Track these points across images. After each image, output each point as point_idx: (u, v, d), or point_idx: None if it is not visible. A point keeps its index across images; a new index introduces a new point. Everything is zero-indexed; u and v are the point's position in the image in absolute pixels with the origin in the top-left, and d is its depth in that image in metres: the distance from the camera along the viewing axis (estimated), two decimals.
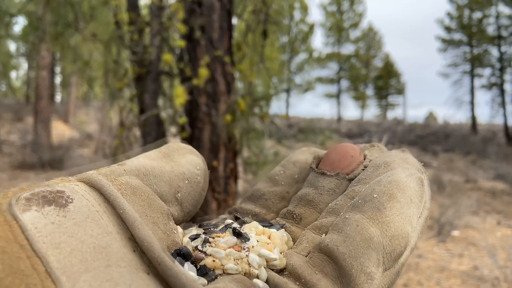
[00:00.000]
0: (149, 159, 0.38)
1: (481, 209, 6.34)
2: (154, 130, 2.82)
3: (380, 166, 0.39)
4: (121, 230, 0.28)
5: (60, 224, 0.25)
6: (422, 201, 0.34)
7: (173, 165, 0.39)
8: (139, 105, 2.92)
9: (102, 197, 0.29)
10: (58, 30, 4.22)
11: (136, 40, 2.82)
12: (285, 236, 0.36)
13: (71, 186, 0.29)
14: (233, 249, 0.31)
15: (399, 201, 0.32)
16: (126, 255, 0.26)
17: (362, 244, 0.29)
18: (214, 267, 0.30)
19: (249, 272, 0.30)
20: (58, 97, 24.18)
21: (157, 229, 0.31)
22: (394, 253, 0.30)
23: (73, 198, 0.27)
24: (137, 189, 0.32)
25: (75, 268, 0.23)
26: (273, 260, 0.31)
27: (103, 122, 10.30)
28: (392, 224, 0.31)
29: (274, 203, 0.43)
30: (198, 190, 0.40)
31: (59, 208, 0.26)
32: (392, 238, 0.30)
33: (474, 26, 20.19)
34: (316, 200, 0.40)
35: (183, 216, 0.38)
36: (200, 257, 0.30)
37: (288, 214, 0.40)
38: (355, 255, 0.29)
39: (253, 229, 0.35)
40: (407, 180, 0.34)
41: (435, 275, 3.83)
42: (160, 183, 0.36)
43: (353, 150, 0.43)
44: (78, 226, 0.25)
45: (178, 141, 0.44)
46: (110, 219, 0.28)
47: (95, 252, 0.24)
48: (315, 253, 0.31)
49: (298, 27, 23.58)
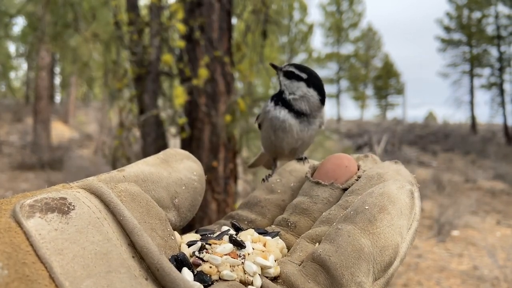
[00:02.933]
0: (147, 165, 0.39)
1: (480, 209, 6.34)
2: (153, 130, 2.82)
3: (373, 177, 0.41)
4: (121, 236, 0.28)
5: (63, 230, 0.26)
6: (412, 212, 0.36)
7: (170, 171, 0.39)
8: (138, 105, 2.91)
9: (103, 204, 0.30)
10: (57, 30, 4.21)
11: (136, 41, 2.81)
12: (279, 244, 0.37)
13: (73, 193, 0.30)
14: (229, 256, 0.32)
15: (390, 213, 0.33)
16: (125, 261, 0.27)
17: (353, 254, 0.31)
18: (211, 273, 0.31)
19: (244, 279, 0.31)
20: (57, 98, 24.17)
21: (156, 235, 0.32)
22: (384, 263, 0.32)
23: (75, 205, 0.28)
24: (136, 196, 0.33)
25: (78, 274, 0.24)
26: (268, 268, 0.32)
27: (103, 123, 10.30)
28: (383, 235, 0.32)
29: (269, 210, 0.45)
30: (194, 196, 0.41)
31: (61, 215, 0.27)
32: (382, 249, 0.32)
33: (473, 26, 20.21)
34: (311, 209, 0.41)
35: (180, 221, 0.39)
36: (197, 263, 0.31)
37: (283, 221, 0.42)
38: (346, 265, 0.30)
39: (249, 237, 0.36)
40: (398, 193, 0.35)
41: (435, 275, 3.83)
42: (158, 189, 0.37)
43: (348, 160, 0.44)
44: (80, 232, 0.26)
45: (176, 147, 0.45)
46: (110, 225, 0.28)
47: (96, 258, 0.25)
48: (308, 262, 0.32)
49: (297, 27, 23.57)
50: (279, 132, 0.60)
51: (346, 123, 24.64)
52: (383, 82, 29.25)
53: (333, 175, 0.43)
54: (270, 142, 0.62)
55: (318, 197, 0.42)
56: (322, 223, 0.38)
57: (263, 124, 0.63)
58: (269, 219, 0.44)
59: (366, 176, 0.41)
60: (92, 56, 6.46)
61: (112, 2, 2.98)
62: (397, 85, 29.68)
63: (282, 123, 0.59)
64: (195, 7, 2.75)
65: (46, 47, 7.60)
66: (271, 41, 5.93)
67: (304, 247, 0.35)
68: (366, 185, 0.39)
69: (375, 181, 0.39)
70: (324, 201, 0.41)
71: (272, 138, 0.61)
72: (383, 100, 30.52)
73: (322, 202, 0.41)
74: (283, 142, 0.61)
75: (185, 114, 2.76)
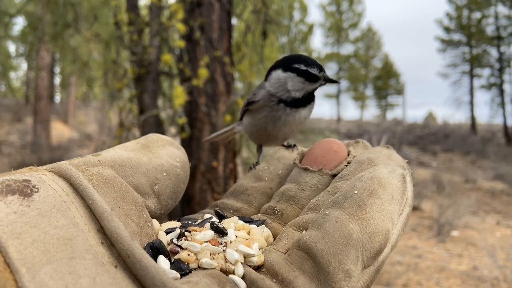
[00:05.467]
0: (126, 150, 0.37)
1: (480, 209, 6.34)
2: (153, 130, 2.82)
3: (363, 162, 0.39)
4: (90, 221, 0.27)
5: (22, 213, 0.24)
6: (404, 197, 0.34)
7: (151, 157, 0.38)
8: (138, 105, 2.91)
9: (71, 187, 0.28)
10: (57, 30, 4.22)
11: (136, 41, 2.81)
12: (265, 232, 0.36)
13: (39, 175, 0.28)
14: (209, 243, 0.30)
15: (380, 198, 0.32)
16: (92, 247, 0.25)
17: (340, 240, 0.29)
18: (189, 261, 0.29)
19: (225, 268, 0.30)
20: (57, 98, 24.16)
21: (130, 222, 0.30)
22: (373, 250, 0.30)
23: (39, 188, 0.26)
24: (110, 180, 0.31)
25: (36, 260, 0.22)
26: (251, 256, 0.31)
27: (103, 123, 10.29)
28: (372, 220, 0.31)
29: (256, 198, 0.43)
30: (177, 183, 0.39)
31: (23, 197, 0.25)
32: (372, 235, 0.30)
33: (473, 27, 20.21)
34: (298, 196, 0.40)
35: (160, 209, 0.37)
36: (175, 250, 0.30)
37: (269, 209, 0.40)
38: (333, 252, 0.28)
39: (232, 224, 0.34)
40: (389, 177, 0.34)
41: (435, 275, 3.83)
42: (136, 174, 0.35)
43: (337, 145, 0.43)
44: (42, 216, 0.25)
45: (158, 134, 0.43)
46: (78, 210, 0.27)
47: (58, 244, 0.24)
48: (294, 250, 0.31)
49: (297, 27, 23.57)
50: (279, 124, 0.58)
51: (346, 123, 24.64)
52: (383, 82, 29.26)
53: (321, 161, 0.42)
54: (265, 132, 0.59)
55: (306, 184, 0.40)
56: (309, 210, 0.36)
57: (256, 115, 0.59)
58: (255, 207, 0.42)
59: (356, 161, 0.39)
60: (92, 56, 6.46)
61: (112, 2, 2.98)
62: (397, 85, 29.69)
63: (286, 117, 0.57)
64: (195, 7, 2.75)
65: (46, 47, 7.59)
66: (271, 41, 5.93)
67: (290, 235, 0.34)
68: (356, 170, 0.38)
69: (365, 166, 0.38)
70: (312, 188, 0.40)
71: (269, 128, 0.58)
72: (383, 100, 30.53)
73: (310, 189, 0.40)
74: (279, 132, 0.58)
75: (185, 114, 2.76)
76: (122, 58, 3.45)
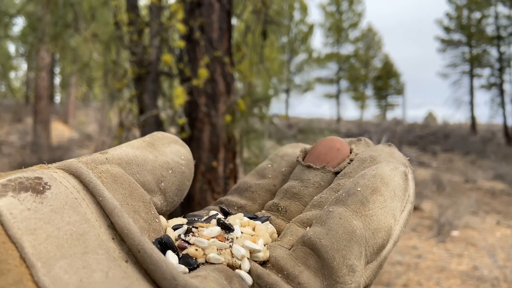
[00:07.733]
0: (132, 148, 0.37)
1: (480, 209, 6.34)
2: (153, 130, 2.81)
3: (366, 160, 0.39)
4: (100, 217, 0.27)
5: (36, 210, 0.24)
6: (406, 194, 0.35)
7: (156, 154, 0.38)
8: (138, 105, 2.91)
9: (82, 184, 0.29)
10: (57, 30, 4.22)
11: (136, 41, 2.81)
12: (269, 228, 0.36)
13: (50, 173, 0.28)
14: (216, 239, 0.31)
15: (383, 195, 0.32)
16: (104, 243, 0.26)
17: (344, 236, 0.29)
18: (196, 256, 0.30)
19: (232, 263, 0.30)
20: (57, 98, 24.17)
21: (138, 218, 0.30)
22: (376, 246, 0.31)
23: (51, 185, 0.27)
24: (118, 177, 0.32)
25: (51, 254, 0.23)
26: (257, 252, 0.31)
27: (103, 123, 10.30)
28: (375, 217, 0.31)
29: (260, 195, 0.43)
30: (182, 180, 0.40)
31: (36, 194, 0.25)
32: (375, 231, 0.31)
33: (473, 27, 20.22)
34: (302, 193, 0.40)
35: (166, 206, 0.38)
36: (182, 246, 0.30)
37: (273, 206, 0.40)
38: (337, 248, 0.29)
39: (237, 221, 0.34)
40: (391, 174, 0.34)
41: (435, 275, 3.84)
42: (143, 172, 0.36)
43: (340, 143, 0.43)
44: (55, 212, 0.25)
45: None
46: (89, 206, 0.27)
47: (72, 239, 0.24)
48: (299, 246, 0.31)
49: (297, 27, 23.60)
50: None
51: (346, 123, 24.63)
52: (383, 83, 29.27)
53: (324, 158, 0.42)
54: None
55: (309, 181, 0.41)
56: (313, 207, 0.36)
57: None
58: (259, 204, 0.43)
59: (359, 159, 0.40)
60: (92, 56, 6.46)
61: (112, 2, 2.98)
62: (397, 86, 29.70)
63: None
64: (195, 7, 2.75)
65: (46, 47, 7.60)
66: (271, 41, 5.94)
67: (294, 231, 0.34)
68: (358, 167, 0.38)
69: (367, 164, 0.38)
70: (315, 185, 0.40)
71: None
72: (383, 100, 30.54)
73: (313, 186, 0.40)
74: None
75: (185, 114, 2.76)
76: (122, 58, 3.46)
